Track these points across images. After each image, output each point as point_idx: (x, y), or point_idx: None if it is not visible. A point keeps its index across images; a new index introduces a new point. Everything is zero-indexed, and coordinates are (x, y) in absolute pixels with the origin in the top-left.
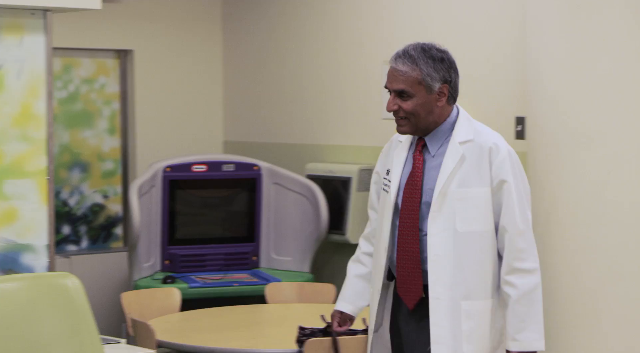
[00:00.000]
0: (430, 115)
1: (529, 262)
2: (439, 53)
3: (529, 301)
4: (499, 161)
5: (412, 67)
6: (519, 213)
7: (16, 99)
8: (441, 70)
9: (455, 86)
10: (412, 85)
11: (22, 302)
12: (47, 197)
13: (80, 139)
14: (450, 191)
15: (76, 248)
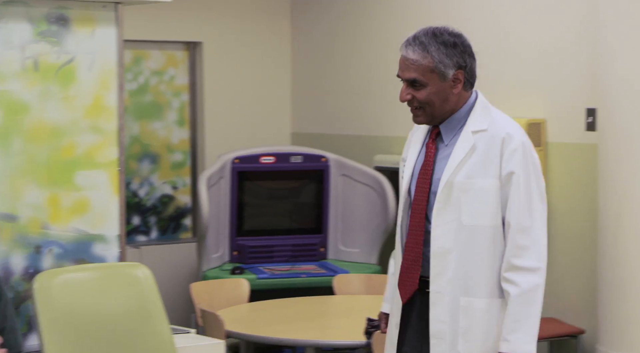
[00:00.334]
0: (446, 103)
1: (530, 260)
2: (451, 37)
3: (526, 301)
4: (510, 151)
5: (423, 54)
6: (524, 208)
7: (88, 90)
8: (454, 55)
9: (472, 71)
10: (425, 74)
11: (94, 291)
12: (118, 187)
13: (149, 130)
14: (457, 182)
15: (146, 239)
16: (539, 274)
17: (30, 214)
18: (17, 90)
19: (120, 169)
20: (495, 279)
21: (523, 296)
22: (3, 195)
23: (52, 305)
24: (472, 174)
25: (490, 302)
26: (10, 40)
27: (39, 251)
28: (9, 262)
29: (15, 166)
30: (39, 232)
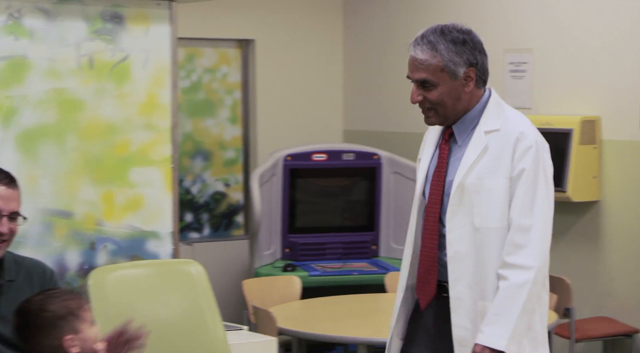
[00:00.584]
0: (459, 102)
1: (523, 258)
2: (460, 35)
3: (510, 295)
4: (522, 149)
5: (432, 53)
6: (527, 207)
7: (142, 88)
8: (464, 53)
9: (484, 68)
10: (435, 74)
11: (147, 288)
12: (172, 185)
13: (202, 127)
14: (468, 183)
15: (198, 236)
16: (531, 273)
17: (85, 211)
18: (72, 88)
19: (173, 166)
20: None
21: (509, 290)
22: (58, 192)
23: (106, 301)
24: (482, 175)
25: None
26: (65, 38)
27: (94, 247)
28: (64, 258)
29: (70, 163)
30: (94, 228)
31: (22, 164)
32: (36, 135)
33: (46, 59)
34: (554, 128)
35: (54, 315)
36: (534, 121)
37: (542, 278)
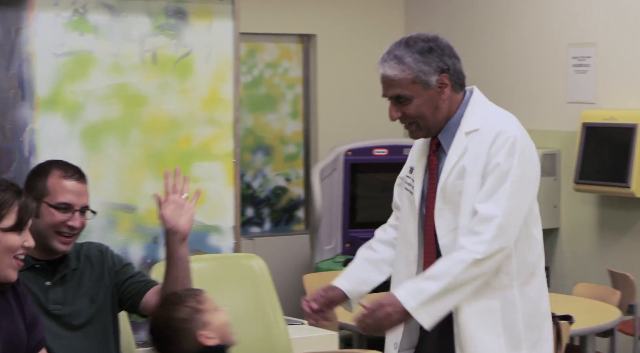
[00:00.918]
0: (438, 111)
1: (472, 244)
2: (425, 43)
3: (444, 266)
4: (498, 145)
5: (400, 68)
6: (491, 196)
7: (204, 83)
8: (433, 61)
9: (457, 71)
10: (407, 87)
11: (210, 281)
12: (234, 179)
13: (263, 122)
14: (450, 185)
15: (259, 231)
16: (472, 256)
17: (148, 205)
18: (135, 83)
19: (235, 160)
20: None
21: (445, 262)
22: (122, 186)
23: None
24: (462, 175)
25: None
26: (129, 34)
27: (157, 241)
28: (128, 252)
29: (133, 157)
30: (157, 222)
31: (86, 159)
32: (100, 130)
33: (110, 54)
34: (617, 123)
35: (181, 321)
36: (598, 116)
37: (485, 269)
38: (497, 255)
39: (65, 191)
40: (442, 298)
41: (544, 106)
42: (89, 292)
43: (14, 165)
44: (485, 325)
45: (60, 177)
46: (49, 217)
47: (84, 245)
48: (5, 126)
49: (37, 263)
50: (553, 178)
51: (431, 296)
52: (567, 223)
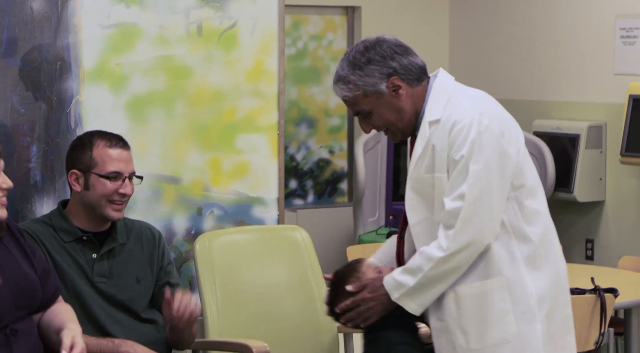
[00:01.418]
0: (403, 113)
1: (442, 239)
2: (362, 56)
3: (420, 260)
4: (454, 136)
5: (347, 88)
6: (456, 188)
7: (249, 55)
8: (374, 71)
9: (406, 67)
10: (363, 103)
11: (253, 253)
12: (278, 151)
13: (307, 95)
14: (421, 178)
15: (302, 203)
16: (440, 253)
17: (193, 177)
18: (181, 55)
19: (279, 132)
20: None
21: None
22: (167, 157)
23: (212, 265)
24: (431, 168)
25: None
26: (174, 6)
27: (201, 213)
28: (172, 223)
29: (178, 129)
30: (201, 194)
31: (131, 131)
32: (145, 101)
33: (156, 27)
34: None
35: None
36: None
37: (456, 264)
38: (468, 248)
39: (113, 160)
40: (421, 291)
41: (590, 78)
42: (136, 271)
43: (60, 137)
44: (491, 305)
45: (105, 147)
46: (100, 188)
47: (135, 222)
48: (52, 98)
49: (84, 235)
50: (599, 151)
51: (410, 289)
52: (612, 196)
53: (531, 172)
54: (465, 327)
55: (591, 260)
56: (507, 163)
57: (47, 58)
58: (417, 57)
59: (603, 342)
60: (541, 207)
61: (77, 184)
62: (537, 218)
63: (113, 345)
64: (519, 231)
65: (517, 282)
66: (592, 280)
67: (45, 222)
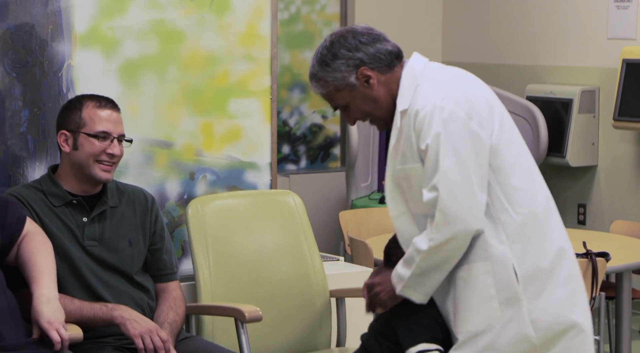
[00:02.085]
0: (378, 101)
1: (429, 231)
2: (328, 52)
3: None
4: (419, 126)
5: (320, 85)
6: (430, 179)
7: (242, 19)
8: (340, 65)
9: (375, 56)
10: (337, 97)
11: (246, 217)
12: (270, 116)
13: (300, 59)
14: (397, 169)
15: (295, 168)
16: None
17: (185, 141)
18: (173, 19)
19: (272, 97)
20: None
21: (411, 248)
22: (159, 122)
23: (205, 230)
24: (405, 160)
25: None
26: None
27: (193, 177)
28: (164, 188)
29: (170, 94)
30: (193, 159)
31: (123, 95)
32: (137, 66)
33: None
34: None
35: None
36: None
37: (446, 253)
38: (455, 238)
39: (102, 120)
40: (419, 281)
41: (584, 43)
42: (129, 234)
43: (52, 101)
44: (475, 290)
45: (94, 107)
46: (88, 147)
47: (128, 186)
48: (44, 62)
49: (74, 199)
50: (592, 116)
51: (408, 280)
52: (605, 161)
53: (511, 150)
54: (457, 308)
55: (583, 225)
56: (480, 145)
57: (38, 22)
58: (386, 43)
59: (594, 306)
60: (523, 184)
61: (66, 145)
62: (520, 197)
63: (106, 309)
64: (504, 213)
65: (502, 266)
66: (584, 245)
67: (35, 186)
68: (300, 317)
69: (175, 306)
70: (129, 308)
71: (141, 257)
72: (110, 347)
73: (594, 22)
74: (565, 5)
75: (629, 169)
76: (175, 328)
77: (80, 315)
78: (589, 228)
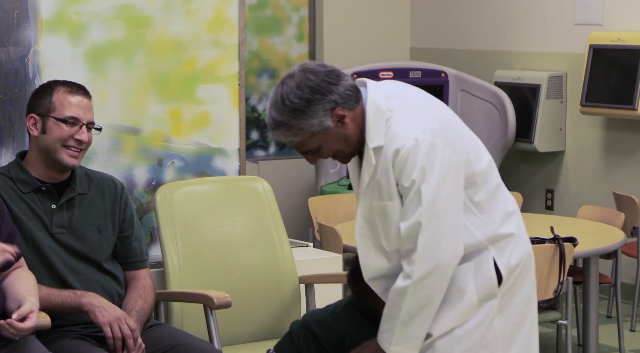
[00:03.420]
0: (350, 138)
1: (408, 265)
2: (300, 99)
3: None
4: (400, 164)
5: (292, 133)
6: (413, 209)
7: (209, 4)
8: (318, 109)
9: (345, 95)
10: (310, 142)
11: (215, 203)
12: (239, 102)
13: (269, 45)
14: (371, 206)
15: (264, 154)
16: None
17: (153, 127)
18: (140, 4)
19: (240, 83)
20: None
21: (392, 295)
22: (126, 108)
23: (173, 216)
24: (380, 196)
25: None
26: None
27: (161, 164)
28: (133, 174)
29: (138, 80)
30: (161, 145)
31: (90, 81)
32: (105, 51)
33: None
34: (625, 45)
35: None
36: (605, 38)
37: (433, 284)
38: (434, 271)
39: (72, 105)
40: (408, 329)
41: (550, 28)
42: (97, 221)
43: (18, 86)
44: (457, 290)
45: (65, 92)
46: (56, 131)
47: (97, 173)
48: (9, 47)
49: (42, 186)
50: (559, 101)
51: (397, 333)
52: (572, 146)
53: (480, 159)
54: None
55: (551, 210)
56: (458, 172)
57: (3, 7)
58: (347, 77)
59: (562, 290)
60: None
61: (34, 129)
62: (493, 205)
63: (75, 296)
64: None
65: (483, 265)
66: (552, 230)
67: (3, 173)
68: (269, 303)
69: (144, 294)
70: (98, 295)
71: (110, 244)
72: (73, 335)
73: (561, 8)
74: None
75: (596, 154)
76: (143, 316)
77: (49, 302)
78: (556, 213)
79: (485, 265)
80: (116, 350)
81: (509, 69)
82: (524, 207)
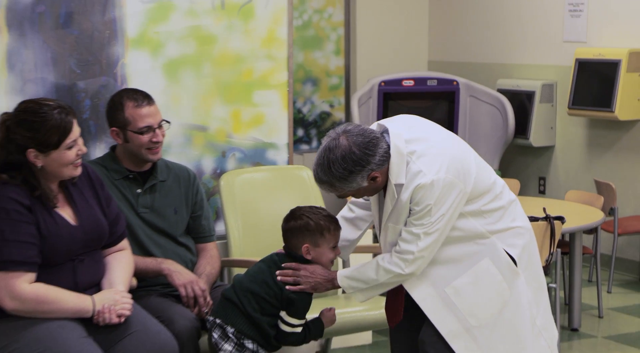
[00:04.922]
0: (378, 188)
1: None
2: (344, 170)
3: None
4: (418, 196)
5: (334, 188)
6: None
7: (264, 25)
8: (357, 176)
9: (379, 162)
10: (347, 193)
11: (267, 188)
12: (287, 105)
13: (311, 59)
14: (388, 226)
15: (308, 147)
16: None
17: (218, 126)
18: (207, 25)
19: (289, 89)
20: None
21: (378, 263)
22: (196, 110)
23: (234, 198)
24: (398, 221)
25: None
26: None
27: (225, 155)
28: (201, 164)
29: (205, 87)
30: (225, 140)
31: (167, 88)
32: (178, 64)
33: (187, 1)
34: (605, 58)
35: (306, 223)
36: (589, 53)
37: (404, 279)
38: (415, 274)
39: (143, 117)
40: (369, 292)
41: (543, 44)
42: (174, 203)
43: (109, 92)
44: (486, 283)
45: (134, 107)
46: (136, 141)
47: (175, 164)
48: (102, 61)
49: (130, 174)
50: (550, 105)
51: (360, 291)
52: (561, 142)
53: (486, 176)
54: (472, 309)
55: (543, 194)
56: (463, 198)
57: (97, 28)
58: (381, 142)
59: (552, 260)
60: (501, 203)
61: (118, 138)
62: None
63: (156, 262)
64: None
65: (498, 255)
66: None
67: (99, 163)
68: None
69: (212, 262)
70: (175, 262)
71: (184, 222)
72: (156, 293)
73: (552, 28)
74: (529, 13)
75: (580, 148)
76: (211, 279)
77: (136, 268)
78: (548, 196)
79: (499, 254)
80: (190, 306)
81: (509, 78)
82: (521, 191)
